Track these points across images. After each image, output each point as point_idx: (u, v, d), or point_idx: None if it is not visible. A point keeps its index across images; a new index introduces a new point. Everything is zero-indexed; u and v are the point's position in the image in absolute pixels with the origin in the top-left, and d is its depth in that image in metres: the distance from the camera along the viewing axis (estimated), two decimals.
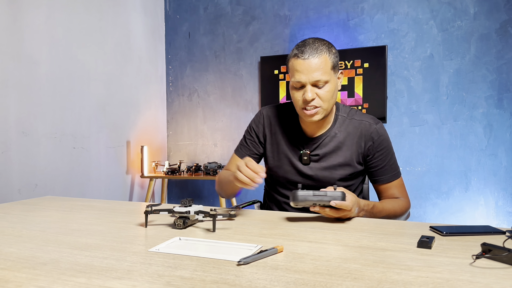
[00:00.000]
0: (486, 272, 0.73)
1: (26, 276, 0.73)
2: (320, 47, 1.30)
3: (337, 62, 1.35)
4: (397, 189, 1.44)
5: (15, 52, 2.43)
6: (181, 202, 1.12)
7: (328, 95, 1.32)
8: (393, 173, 1.44)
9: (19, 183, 2.47)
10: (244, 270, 0.75)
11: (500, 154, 2.94)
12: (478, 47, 2.97)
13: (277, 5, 3.51)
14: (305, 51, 1.29)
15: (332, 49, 1.34)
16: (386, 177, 1.43)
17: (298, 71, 1.30)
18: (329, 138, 1.42)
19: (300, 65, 1.29)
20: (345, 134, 1.42)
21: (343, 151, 1.41)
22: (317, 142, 1.42)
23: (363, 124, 1.42)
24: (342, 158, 1.41)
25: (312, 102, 1.31)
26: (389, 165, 1.43)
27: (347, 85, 3.26)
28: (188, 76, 3.86)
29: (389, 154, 1.43)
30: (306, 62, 1.28)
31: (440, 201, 3.09)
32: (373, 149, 1.41)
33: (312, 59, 1.28)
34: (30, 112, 2.53)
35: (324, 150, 1.42)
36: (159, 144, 3.85)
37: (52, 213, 1.32)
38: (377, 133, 1.41)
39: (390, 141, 1.46)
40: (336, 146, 1.41)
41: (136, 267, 0.77)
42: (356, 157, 1.42)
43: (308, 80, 1.29)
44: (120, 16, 3.31)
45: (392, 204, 1.38)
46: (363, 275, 0.72)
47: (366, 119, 1.43)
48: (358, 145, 1.41)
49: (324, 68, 1.29)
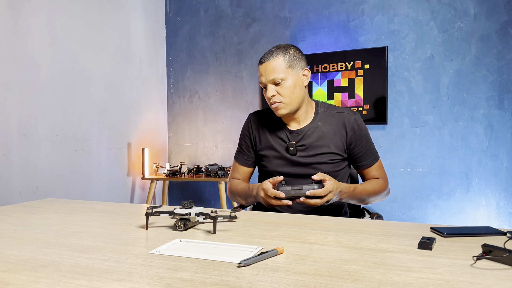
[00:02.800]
0: (486, 273, 0.73)
1: (27, 278, 0.73)
2: (276, 51, 1.51)
3: (297, 60, 1.52)
4: (377, 171, 1.61)
5: (16, 55, 2.44)
6: (182, 204, 1.12)
7: (287, 91, 1.49)
8: (373, 157, 1.60)
9: (20, 186, 2.47)
10: (244, 272, 0.75)
11: (501, 155, 2.94)
12: (479, 48, 2.97)
13: (277, 7, 3.52)
14: (264, 56, 1.51)
15: (289, 50, 1.52)
16: (368, 161, 1.59)
17: (260, 74, 1.53)
18: (312, 129, 1.57)
19: (260, 69, 1.52)
20: (327, 125, 1.57)
21: (327, 140, 1.55)
22: (301, 134, 1.57)
23: (343, 116, 1.58)
24: (326, 147, 1.55)
25: (273, 98, 1.50)
26: (369, 151, 1.59)
27: (347, 87, 3.27)
28: (189, 78, 3.87)
29: (368, 141, 1.60)
30: (263, 65, 1.51)
31: (441, 202, 3.09)
32: (354, 138, 1.56)
33: (267, 62, 1.50)
34: (31, 114, 2.53)
35: (309, 140, 1.56)
36: (160, 146, 3.85)
37: (53, 215, 1.32)
38: (357, 123, 1.57)
39: (367, 129, 1.62)
40: (319, 136, 1.56)
41: (137, 269, 0.77)
42: (340, 145, 1.56)
43: (266, 80, 1.50)
44: (120, 18, 3.32)
45: (372, 185, 1.56)
46: (364, 276, 0.72)
47: (345, 111, 1.60)
48: (340, 135, 1.56)
49: (278, 68, 1.48)
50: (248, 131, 1.69)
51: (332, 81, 3.31)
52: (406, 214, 3.18)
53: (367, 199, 1.55)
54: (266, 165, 1.63)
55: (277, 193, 1.39)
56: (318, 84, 3.35)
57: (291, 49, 1.52)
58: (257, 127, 1.66)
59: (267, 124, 1.64)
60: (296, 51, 1.53)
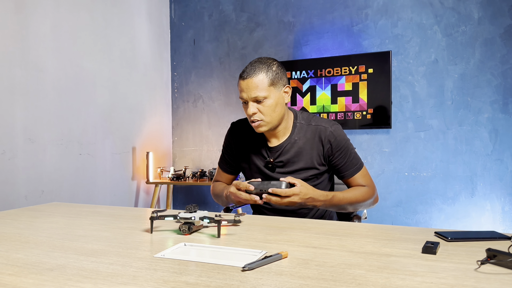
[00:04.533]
0: (491, 278, 0.73)
1: (33, 281, 0.74)
2: (258, 66, 1.45)
3: (279, 77, 1.48)
4: (362, 179, 1.56)
5: (22, 60, 2.46)
6: (186, 208, 1.13)
7: (269, 110, 1.46)
8: (355, 167, 1.55)
9: (26, 190, 2.48)
10: (248, 275, 0.75)
11: (506, 159, 2.93)
12: (483, 52, 2.97)
13: (281, 11, 3.53)
14: (246, 71, 1.46)
15: (272, 67, 1.47)
16: (349, 172, 1.55)
17: (241, 89, 1.47)
18: (290, 145, 1.54)
19: (242, 84, 1.46)
20: (304, 140, 1.54)
21: (304, 155, 1.53)
22: (279, 150, 1.55)
23: (319, 129, 1.53)
24: (303, 163, 1.53)
25: (254, 116, 1.46)
26: (349, 161, 1.54)
27: (351, 91, 3.27)
28: (193, 82, 3.88)
29: (348, 152, 1.54)
30: (245, 82, 1.45)
31: (446, 207, 3.07)
32: (331, 150, 1.52)
33: (249, 79, 1.44)
34: (36, 119, 2.55)
35: (286, 157, 1.54)
36: (164, 150, 3.86)
37: (58, 219, 1.33)
38: (333, 135, 1.52)
39: (348, 139, 1.56)
40: (296, 152, 1.53)
41: (142, 272, 0.78)
42: (317, 159, 1.53)
43: (248, 97, 1.45)
44: (125, 23, 3.35)
45: (354, 193, 1.51)
46: (368, 280, 0.72)
47: (322, 123, 1.55)
48: (317, 149, 1.53)
49: (260, 86, 1.44)
50: (229, 141, 1.68)
51: (336, 85, 3.32)
52: (410, 219, 3.17)
53: (349, 207, 1.52)
54: (248, 176, 1.65)
55: (247, 185, 1.39)
56: (322, 89, 3.36)
57: (274, 65, 1.48)
58: (238, 138, 1.65)
59: (248, 136, 1.63)
60: (279, 67, 1.50)
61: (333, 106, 3.32)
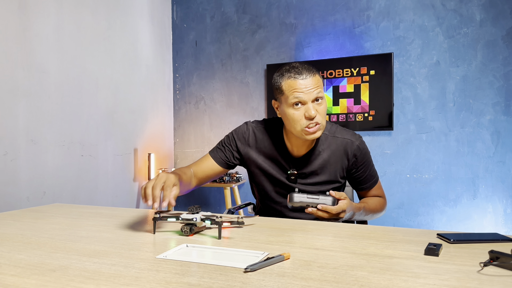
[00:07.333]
0: (493, 279, 0.73)
1: (35, 282, 0.74)
2: (311, 68, 1.39)
3: None
4: (376, 191, 1.58)
5: (25, 61, 2.47)
6: (188, 209, 1.13)
7: (324, 112, 1.39)
8: (373, 179, 1.56)
9: (28, 191, 2.49)
10: (251, 277, 0.75)
11: (508, 161, 2.92)
12: (485, 54, 2.97)
13: (283, 13, 3.53)
14: (301, 71, 1.36)
15: None
16: (368, 184, 1.55)
17: (298, 90, 1.35)
18: (314, 157, 1.49)
19: (299, 84, 1.35)
20: (329, 152, 1.49)
21: (328, 169, 1.49)
22: (303, 162, 1.49)
23: (345, 142, 1.49)
24: (327, 176, 1.49)
25: (314, 119, 1.36)
26: (369, 175, 1.54)
27: (353, 92, 3.27)
28: (195, 84, 3.89)
29: (369, 166, 1.54)
30: (305, 81, 1.35)
31: (448, 209, 3.07)
32: (356, 164, 1.50)
33: (309, 78, 1.36)
34: (38, 120, 2.56)
35: (310, 169, 1.49)
36: (166, 152, 3.87)
37: (60, 220, 1.33)
38: (359, 150, 1.49)
39: (369, 152, 1.55)
40: (321, 164, 1.49)
41: (144, 273, 0.78)
42: (340, 173, 1.51)
43: (309, 98, 1.35)
44: (127, 25, 3.35)
45: (375, 204, 1.53)
46: (370, 282, 0.72)
47: (347, 136, 1.50)
48: (342, 162, 1.50)
49: (320, 86, 1.38)
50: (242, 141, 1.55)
51: (337, 87, 3.32)
52: (412, 221, 3.16)
53: (369, 217, 1.54)
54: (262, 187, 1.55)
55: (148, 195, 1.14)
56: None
57: None
58: (253, 141, 1.54)
59: (268, 142, 1.52)
60: None
61: (334, 108, 3.32)
